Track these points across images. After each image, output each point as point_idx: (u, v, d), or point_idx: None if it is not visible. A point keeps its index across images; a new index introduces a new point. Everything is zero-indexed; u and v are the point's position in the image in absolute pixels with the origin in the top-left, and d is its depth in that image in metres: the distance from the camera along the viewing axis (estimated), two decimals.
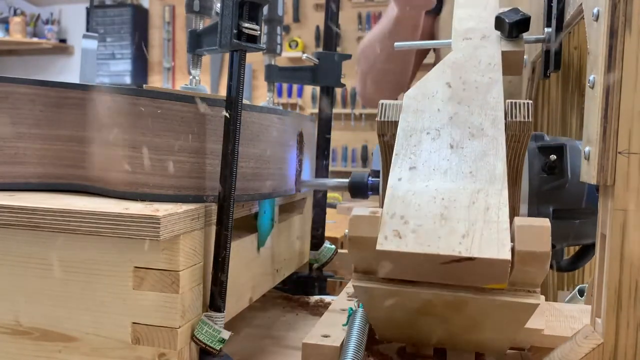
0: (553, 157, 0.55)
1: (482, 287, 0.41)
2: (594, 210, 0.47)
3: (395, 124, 0.51)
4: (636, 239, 0.42)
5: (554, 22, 0.61)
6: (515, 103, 0.49)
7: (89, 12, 4.36)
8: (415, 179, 0.45)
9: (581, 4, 0.50)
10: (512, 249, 0.39)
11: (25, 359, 0.51)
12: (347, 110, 3.87)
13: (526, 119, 0.48)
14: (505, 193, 0.43)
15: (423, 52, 1.18)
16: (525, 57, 0.76)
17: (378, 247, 0.40)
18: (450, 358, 0.54)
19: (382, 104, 0.53)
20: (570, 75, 0.76)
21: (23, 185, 0.57)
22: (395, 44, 0.69)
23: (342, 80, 0.78)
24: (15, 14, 4.57)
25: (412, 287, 0.42)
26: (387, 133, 0.52)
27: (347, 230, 0.42)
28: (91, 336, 0.49)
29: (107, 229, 0.46)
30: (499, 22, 0.60)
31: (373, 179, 0.65)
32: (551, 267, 0.63)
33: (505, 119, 0.49)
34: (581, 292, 0.68)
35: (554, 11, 0.61)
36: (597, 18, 0.43)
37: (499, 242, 0.39)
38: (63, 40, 4.59)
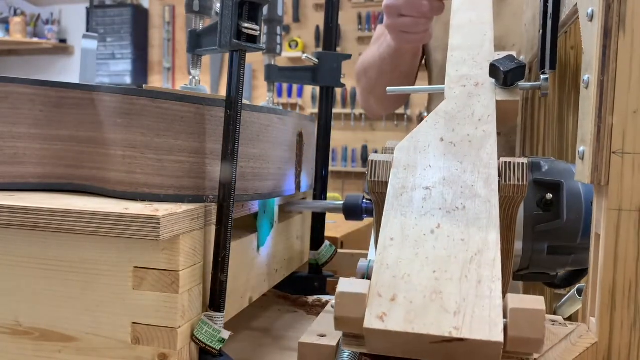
0: (549, 195, 0.54)
1: None
2: (589, 247, 0.47)
3: (385, 183, 0.49)
4: (630, 238, 0.42)
5: (549, 22, 0.61)
6: (510, 164, 0.47)
7: (89, 12, 4.37)
8: (405, 245, 0.43)
9: (576, 4, 0.50)
10: (505, 328, 0.37)
11: (25, 359, 0.51)
12: (347, 110, 3.87)
13: (521, 182, 0.46)
14: (499, 264, 0.41)
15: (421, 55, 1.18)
16: (522, 57, 0.76)
17: (366, 326, 0.38)
18: None
19: (372, 161, 0.51)
20: (567, 75, 0.76)
21: (23, 185, 0.57)
22: (388, 88, 0.68)
23: (342, 80, 0.78)
24: (15, 14, 4.57)
25: (404, 356, 0.40)
26: (378, 191, 0.50)
27: (332, 303, 0.40)
28: (91, 336, 0.49)
29: (107, 229, 0.46)
30: (493, 70, 0.58)
31: (367, 202, 0.65)
32: (548, 285, 0.63)
33: (499, 178, 0.47)
34: (579, 292, 0.68)
35: (549, 11, 0.60)
36: (591, 18, 0.44)
37: (491, 322, 0.37)
38: (63, 41, 4.59)
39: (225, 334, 0.51)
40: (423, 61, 1.15)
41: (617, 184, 0.42)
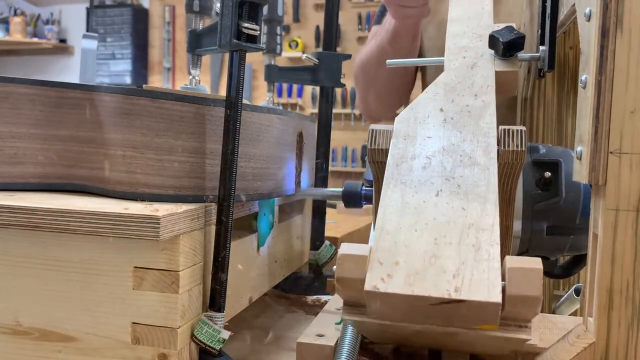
0: (548, 174, 0.55)
1: (473, 328, 0.39)
2: (587, 227, 0.47)
3: (385, 151, 0.50)
4: (627, 238, 0.42)
5: (548, 11, 0.61)
6: (509, 130, 0.48)
7: (89, 12, 4.37)
8: (404, 212, 0.43)
9: (574, 4, 0.50)
10: (503, 289, 0.38)
11: (25, 359, 0.51)
12: (347, 110, 3.87)
13: (520, 148, 0.47)
14: (497, 229, 0.41)
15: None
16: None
17: (366, 288, 0.39)
18: (446, 358, 0.54)
19: (372, 130, 0.51)
20: (566, 75, 0.76)
21: (23, 185, 0.57)
22: (387, 61, 0.68)
23: (342, 80, 0.78)
24: (15, 14, 4.57)
25: (402, 321, 0.40)
26: (378, 160, 0.51)
27: (334, 267, 0.41)
28: (91, 336, 0.49)
29: (107, 229, 0.46)
30: (492, 41, 0.58)
31: (366, 189, 0.65)
32: (546, 274, 0.63)
33: (498, 146, 0.47)
34: (577, 292, 0.68)
35: (548, 10, 0.60)
36: (589, 18, 0.44)
37: (490, 283, 0.37)
38: (63, 40, 4.59)
39: (225, 334, 0.51)
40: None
41: (615, 183, 0.42)
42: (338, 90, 3.61)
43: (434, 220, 0.42)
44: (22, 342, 0.51)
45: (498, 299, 0.37)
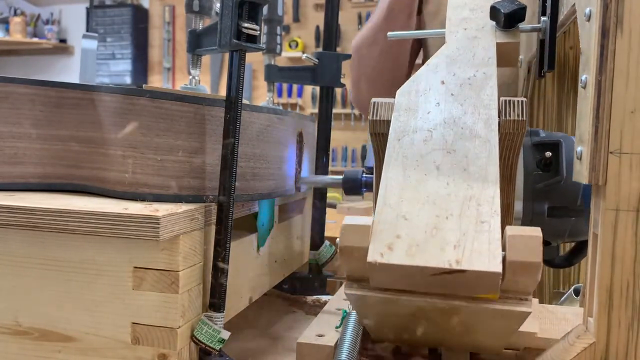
0: (548, 154, 0.55)
1: (474, 297, 0.40)
2: (589, 209, 0.47)
3: (387, 122, 0.50)
4: (627, 238, 0.42)
5: (548, 11, 0.61)
6: (510, 101, 0.48)
7: (89, 12, 4.37)
8: (406, 185, 0.44)
9: (574, 4, 0.50)
10: (504, 259, 0.38)
11: (25, 359, 0.51)
12: (347, 110, 3.87)
13: (520, 118, 0.47)
14: (497, 200, 0.42)
15: (416, 51, 1.16)
16: (520, 57, 0.76)
17: (369, 260, 0.39)
18: (446, 358, 0.54)
19: (374, 102, 0.52)
20: (566, 75, 0.76)
21: (23, 185, 0.57)
22: (389, 33, 0.68)
23: (342, 80, 0.78)
24: (15, 14, 4.57)
25: (404, 295, 0.41)
26: (379, 132, 0.51)
27: (338, 239, 0.41)
28: (91, 336, 0.49)
29: (106, 229, 0.46)
30: (493, 13, 0.58)
31: (367, 176, 0.65)
32: (547, 263, 0.62)
33: (499, 117, 0.48)
34: (577, 292, 0.68)
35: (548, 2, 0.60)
36: (589, 18, 0.44)
37: (490, 254, 0.38)
38: (63, 40, 4.59)
39: (225, 334, 0.51)
40: (420, 60, 1.14)
41: (615, 184, 0.42)
42: (338, 90, 3.61)
43: (435, 193, 0.43)
44: (22, 342, 0.51)
45: (498, 268, 0.37)
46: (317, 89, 0.80)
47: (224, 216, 0.50)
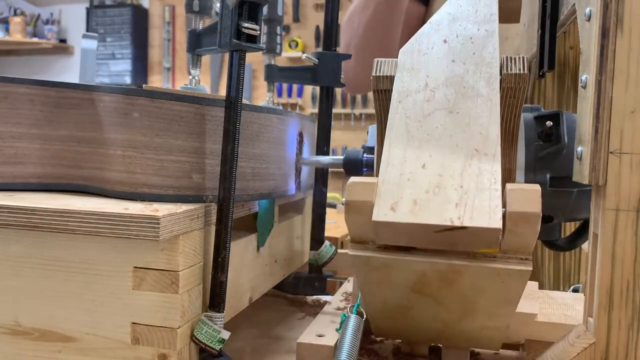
0: (549, 123, 0.55)
1: (475, 252, 0.42)
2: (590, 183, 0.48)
3: (390, 78, 0.51)
4: (628, 238, 0.42)
5: (548, 22, 0.61)
6: (511, 57, 0.49)
7: (88, 12, 4.37)
8: (409, 145, 0.45)
9: (574, 4, 0.50)
10: (504, 215, 0.40)
11: (25, 359, 0.51)
12: (347, 110, 3.87)
13: (522, 71, 0.48)
14: (499, 158, 0.43)
15: (413, 27, 1.14)
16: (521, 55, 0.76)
17: (374, 218, 0.41)
18: (445, 357, 0.54)
19: (377, 61, 0.52)
20: (566, 75, 0.76)
21: (22, 185, 0.57)
22: None
23: (342, 80, 0.78)
24: (15, 14, 4.57)
25: (407, 256, 0.43)
26: (382, 88, 0.52)
27: (344, 199, 0.43)
28: (91, 336, 0.49)
29: (106, 229, 0.46)
30: None
31: (368, 156, 0.65)
32: (549, 245, 0.62)
33: (501, 72, 0.49)
34: (576, 292, 0.68)
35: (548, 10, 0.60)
36: (589, 18, 0.44)
37: (491, 210, 0.40)
38: (63, 40, 4.59)
39: (225, 334, 0.51)
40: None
41: (615, 184, 0.42)
42: (338, 90, 3.62)
43: (438, 151, 0.44)
44: (22, 342, 0.51)
45: (498, 224, 0.39)
46: (317, 89, 0.80)
47: (224, 216, 0.50)
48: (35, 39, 4.49)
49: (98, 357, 0.49)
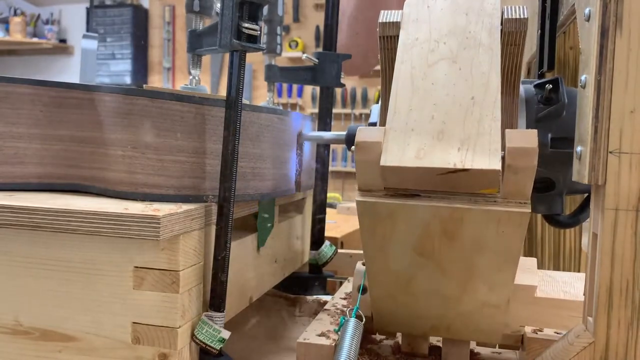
0: (549, 86, 0.56)
1: (476, 192, 0.44)
2: None
3: (397, 24, 0.53)
4: (627, 238, 0.42)
5: (547, 22, 0.61)
6: (512, 6, 0.51)
7: (89, 12, 4.37)
8: (414, 94, 0.47)
9: (574, 4, 0.50)
10: (503, 158, 0.42)
11: (25, 359, 0.51)
12: (347, 110, 3.87)
13: (522, 16, 0.50)
14: (499, 105, 0.45)
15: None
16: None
17: (382, 164, 0.43)
18: (445, 357, 0.55)
19: (383, 12, 0.54)
20: (566, 75, 0.76)
21: (23, 185, 0.57)
22: None
23: (342, 80, 0.78)
24: (15, 14, 4.57)
25: (412, 200, 0.45)
26: (389, 34, 0.53)
27: (353, 147, 0.46)
28: (91, 336, 0.49)
29: (107, 229, 0.47)
30: None
31: None
32: (552, 222, 0.62)
33: (502, 18, 0.51)
34: None
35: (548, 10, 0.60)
36: (588, 18, 0.44)
37: (491, 154, 0.42)
38: (63, 40, 4.59)
39: (225, 334, 0.51)
40: None
41: (614, 183, 0.42)
42: (338, 90, 3.62)
43: (442, 101, 0.47)
44: (23, 342, 0.51)
45: (498, 166, 0.41)
46: (317, 89, 0.80)
47: (224, 216, 0.51)
48: (35, 39, 4.48)
49: (99, 357, 0.49)
